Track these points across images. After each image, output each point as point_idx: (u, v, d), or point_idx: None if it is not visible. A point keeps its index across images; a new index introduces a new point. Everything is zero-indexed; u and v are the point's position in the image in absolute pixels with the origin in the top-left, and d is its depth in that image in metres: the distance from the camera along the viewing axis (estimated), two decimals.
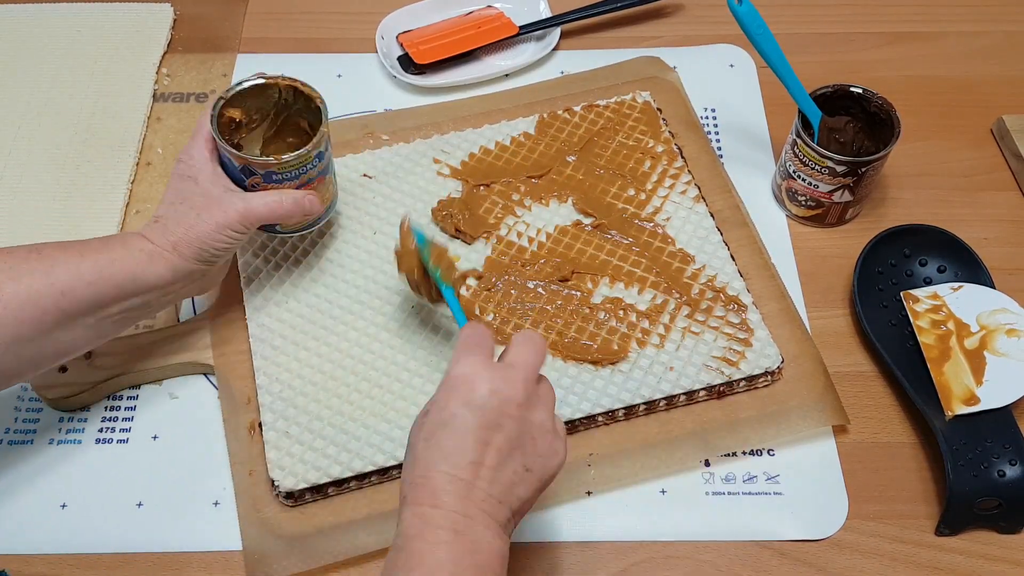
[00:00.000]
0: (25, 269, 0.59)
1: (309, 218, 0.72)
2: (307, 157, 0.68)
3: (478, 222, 0.80)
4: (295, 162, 0.67)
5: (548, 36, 0.97)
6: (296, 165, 0.68)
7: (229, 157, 0.67)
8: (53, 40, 0.96)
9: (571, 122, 0.87)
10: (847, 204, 0.81)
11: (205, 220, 0.64)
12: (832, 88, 0.80)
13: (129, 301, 0.63)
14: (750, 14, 0.76)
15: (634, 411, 0.71)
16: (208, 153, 0.67)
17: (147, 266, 0.63)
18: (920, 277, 0.78)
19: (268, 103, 0.72)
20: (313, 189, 0.70)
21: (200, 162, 0.67)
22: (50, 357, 0.63)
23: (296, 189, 0.69)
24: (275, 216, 0.68)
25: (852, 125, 0.82)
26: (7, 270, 0.59)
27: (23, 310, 0.58)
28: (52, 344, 0.61)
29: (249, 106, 0.71)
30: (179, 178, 0.67)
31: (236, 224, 0.65)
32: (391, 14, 0.97)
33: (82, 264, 0.61)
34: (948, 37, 0.98)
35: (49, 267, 0.60)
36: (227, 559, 0.67)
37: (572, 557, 0.67)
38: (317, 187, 0.71)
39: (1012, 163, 0.88)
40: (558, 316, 0.74)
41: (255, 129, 0.74)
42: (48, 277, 0.60)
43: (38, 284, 0.59)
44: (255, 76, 0.71)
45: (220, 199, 0.66)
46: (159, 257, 0.63)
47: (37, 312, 0.59)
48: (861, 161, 0.76)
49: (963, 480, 0.67)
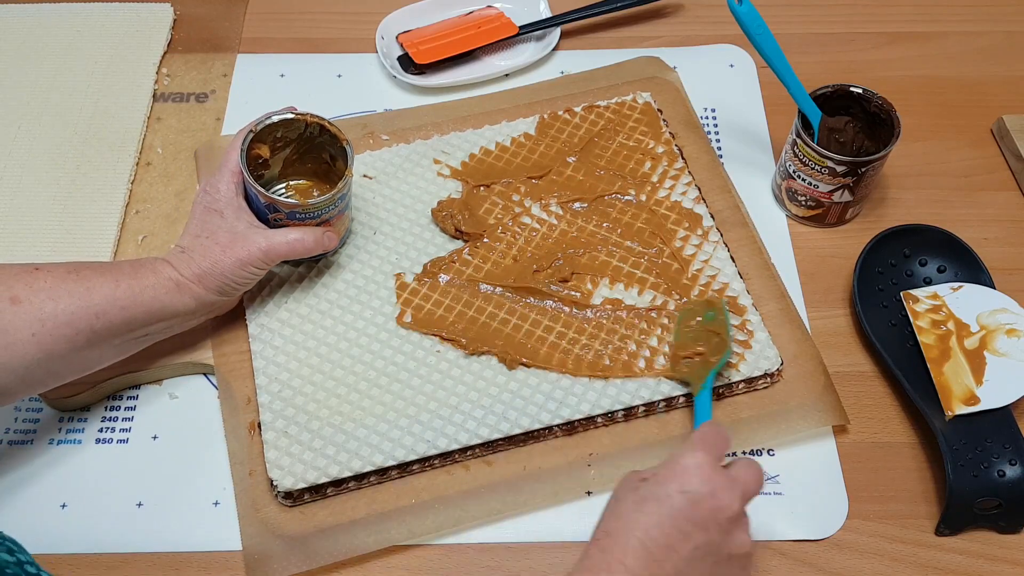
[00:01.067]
0: (64, 290, 0.62)
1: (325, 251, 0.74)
2: (332, 200, 0.70)
3: (478, 222, 0.79)
4: (321, 204, 0.70)
5: (548, 36, 0.97)
6: (321, 207, 0.70)
7: (256, 193, 0.69)
8: (53, 40, 0.96)
9: (571, 123, 0.87)
10: (847, 204, 0.81)
11: (229, 256, 0.67)
12: (832, 88, 0.80)
13: (155, 325, 0.67)
14: (750, 14, 0.76)
15: (633, 412, 0.71)
16: (234, 187, 0.70)
17: (175, 295, 0.66)
18: (920, 277, 0.78)
19: (293, 133, 0.74)
20: (331, 226, 0.73)
21: (227, 197, 0.69)
22: (76, 371, 0.66)
23: (317, 225, 0.71)
24: (296, 254, 0.70)
25: (852, 125, 0.82)
26: (47, 290, 0.62)
27: (59, 330, 0.61)
28: (80, 360, 0.64)
29: (275, 137, 0.73)
30: (205, 210, 0.69)
31: (258, 261, 0.68)
32: (391, 14, 0.97)
33: (117, 290, 0.64)
34: (948, 37, 0.98)
35: (87, 290, 0.63)
36: (227, 559, 0.67)
37: (572, 557, 0.67)
38: (335, 223, 0.73)
39: (1012, 163, 0.88)
40: (565, 326, 0.74)
41: (277, 154, 0.75)
42: (85, 300, 0.63)
43: (76, 306, 0.62)
44: (285, 110, 0.73)
45: (245, 236, 0.68)
46: (186, 288, 0.67)
47: (71, 332, 0.62)
48: (861, 161, 0.76)
49: (963, 480, 0.67)
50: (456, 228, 0.79)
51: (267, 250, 0.68)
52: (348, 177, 0.71)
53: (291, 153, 0.76)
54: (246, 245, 0.68)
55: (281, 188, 0.78)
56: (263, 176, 0.75)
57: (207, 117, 0.91)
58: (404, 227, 0.80)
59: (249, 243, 0.68)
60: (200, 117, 0.91)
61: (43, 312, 0.61)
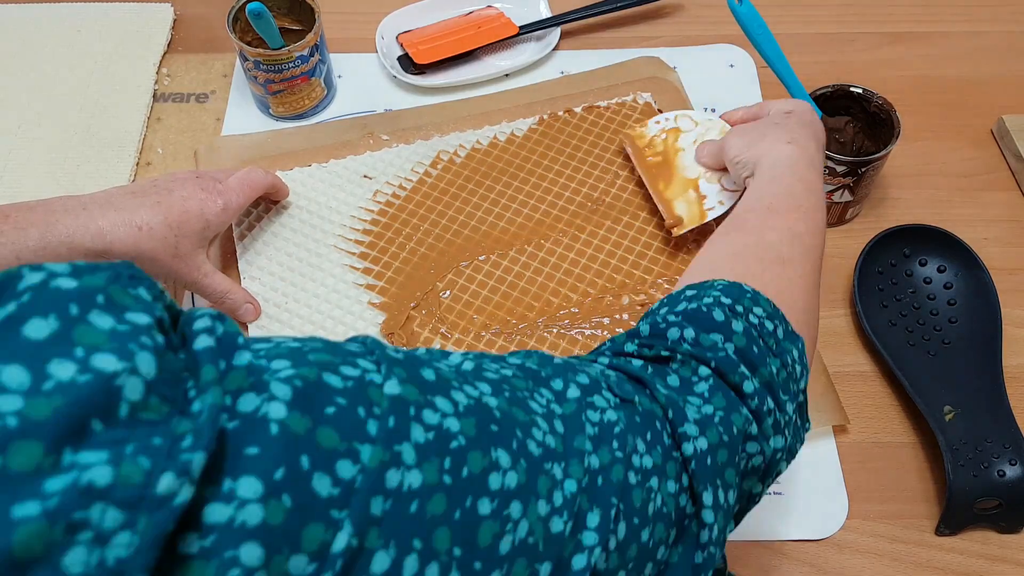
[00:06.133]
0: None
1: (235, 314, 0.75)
2: (290, 56, 0.83)
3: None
4: (282, 57, 0.82)
5: (548, 36, 0.97)
6: (283, 60, 0.82)
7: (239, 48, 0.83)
8: (53, 40, 0.96)
9: (571, 123, 0.87)
10: (847, 204, 0.81)
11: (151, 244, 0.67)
12: (832, 88, 0.80)
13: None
14: (750, 14, 0.76)
15: None
16: (232, 211, 0.71)
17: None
18: (920, 277, 0.78)
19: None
20: (297, 85, 0.86)
21: (217, 208, 0.70)
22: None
23: (281, 80, 0.85)
24: (211, 298, 0.72)
25: (852, 125, 0.82)
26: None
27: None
28: None
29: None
30: (183, 197, 0.68)
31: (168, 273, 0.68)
32: (391, 14, 0.97)
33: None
34: (948, 37, 0.98)
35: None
36: None
37: None
38: (301, 85, 0.86)
39: (1012, 163, 0.88)
40: (583, 323, 0.74)
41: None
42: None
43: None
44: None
45: (189, 254, 0.68)
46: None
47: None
48: (861, 161, 0.76)
49: (963, 480, 0.67)
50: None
51: (198, 281, 0.69)
52: (311, 35, 0.83)
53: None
54: (186, 262, 0.68)
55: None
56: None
57: (207, 117, 0.91)
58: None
59: (190, 263, 0.68)
60: (200, 117, 0.91)
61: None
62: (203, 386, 0.30)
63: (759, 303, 0.50)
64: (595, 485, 0.39)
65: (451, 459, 0.34)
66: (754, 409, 0.46)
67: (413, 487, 0.32)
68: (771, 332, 0.49)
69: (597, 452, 0.40)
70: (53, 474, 0.26)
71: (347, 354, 0.35)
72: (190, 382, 0.30)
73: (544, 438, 0.38)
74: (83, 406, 0.27)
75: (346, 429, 0.32)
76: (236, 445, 0.30)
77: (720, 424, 0.44)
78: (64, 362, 0.27)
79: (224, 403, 0.30)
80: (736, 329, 0.47)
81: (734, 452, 0.44)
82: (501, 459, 0.36)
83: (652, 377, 0.46)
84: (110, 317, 0.29)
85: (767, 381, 0.47)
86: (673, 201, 0.76)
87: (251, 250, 0.78)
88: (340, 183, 0.83)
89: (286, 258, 0.78)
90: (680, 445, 0.43)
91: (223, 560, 0.28)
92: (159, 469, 0.27)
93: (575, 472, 0.38)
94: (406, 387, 0.35)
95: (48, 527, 0.25)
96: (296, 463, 0.30)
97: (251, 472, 0.29)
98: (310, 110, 0.90)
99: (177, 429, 0.28)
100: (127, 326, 0.29)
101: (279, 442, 0.30)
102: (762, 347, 0.48)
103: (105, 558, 0.26)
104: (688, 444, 0.43)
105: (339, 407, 0.32)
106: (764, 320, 0.49)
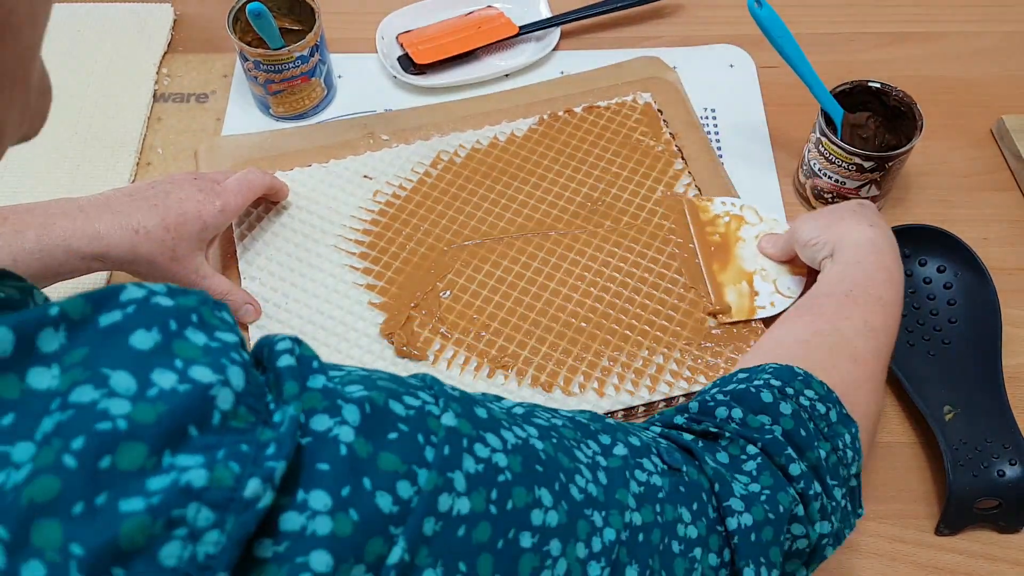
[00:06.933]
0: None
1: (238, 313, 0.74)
2: (290, 56, 0.82)
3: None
4: (282, 58, 0.82)
5: (548, 36, 0.97)
6: (283, 60, 0.82)
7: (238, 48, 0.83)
8: (53, 40, 0.96)
9: (571, 123, 0.87)
10: (874, 199, 0.81)
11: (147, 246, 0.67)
12: (851, 84, 0.81)
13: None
14: (770, 17, 0.76)
15: (633, 412, 0.71)
16: (230, 213, 0.71)
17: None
18: (920, 277, 0.78)
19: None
20: (297, 85, 0.86)
21: (215, 211, 0.70)
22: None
23: (281, 80, 0.85)
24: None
25: (873, 120, 0.82)
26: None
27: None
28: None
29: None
30: (182, 198, 0.69)
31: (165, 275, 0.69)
32: (391, 14, 0.97)
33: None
34: (948, 37, 0.98)
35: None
36: None
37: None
38: (301, 85, 0.86)
39: (1012, 163, 0.88)
40: (589, 339, 0.74)
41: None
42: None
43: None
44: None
45: (186, 256, 0.69)
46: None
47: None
48: (889, 155, 0.76)
49: (963, 480, 0.67)
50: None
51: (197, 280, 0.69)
52: (311, 35, 0.82)
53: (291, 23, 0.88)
54: (183, 263, 0.68)
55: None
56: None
57: (207, 117, 0.91)
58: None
59: (188, 265, 0.68)
60: (200, 117, 0.91)
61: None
62: (285, 400, 0.33)
63: (811, 385, 0.50)
64: (636, 541, 0.40)
65: (497, 491, 0.36)
66: (800, 491, 0.46)
67: (462, 513, 0.34)
68: (823, 415, 0.49)
69: (640, 510, 0.41)
70: (155, 474, 0.28)
71: (409, 386, 0.38)
72: (269, 396, 0.33)
73: (587, 486, 0.40)
74: (182, 413, 0.29)
75: (407, 452, 0.34)
76: (309, 460, 0.32)
77: (767, 502, 0.44)
78: (166, 372, 0.30)
79: (300, 419, 0.33)
80: (784, 411, 0.48)
81: (779, 531, 0.44)
82: (544, 498, 0.37)
83: (702, 451, 0.47)
84: (203, 334, 0.32)
85: (814, 465, 0.47)
86: (725, 287, 0.76)
87: (251, 250, 0.78)
88: (340, 183, 0.83)
89: (286, 258, 0.78)
90: (724, 519, 0.44)
91: (295, 565, 0.30)
92: (247, 474, 0.29)
93: (615, 523, 0.39)
94: (461, 421, 0.37)
95: (151, 521, 0.28)
96: (360, 483, 0.32)
97: (322, 486, 0.32)
98: (310, 110, 0.90)
99: (261, 437, 0.31)
100: (218, 343, 0.32)
101: (346, 463, 0.32)
102: (811, 430, 0.48)
103: (196, 553, 0.28)
104: (733, 519, 0.43)
105: (401, 433, 0.35)
106: (816, 403, 0.50)
